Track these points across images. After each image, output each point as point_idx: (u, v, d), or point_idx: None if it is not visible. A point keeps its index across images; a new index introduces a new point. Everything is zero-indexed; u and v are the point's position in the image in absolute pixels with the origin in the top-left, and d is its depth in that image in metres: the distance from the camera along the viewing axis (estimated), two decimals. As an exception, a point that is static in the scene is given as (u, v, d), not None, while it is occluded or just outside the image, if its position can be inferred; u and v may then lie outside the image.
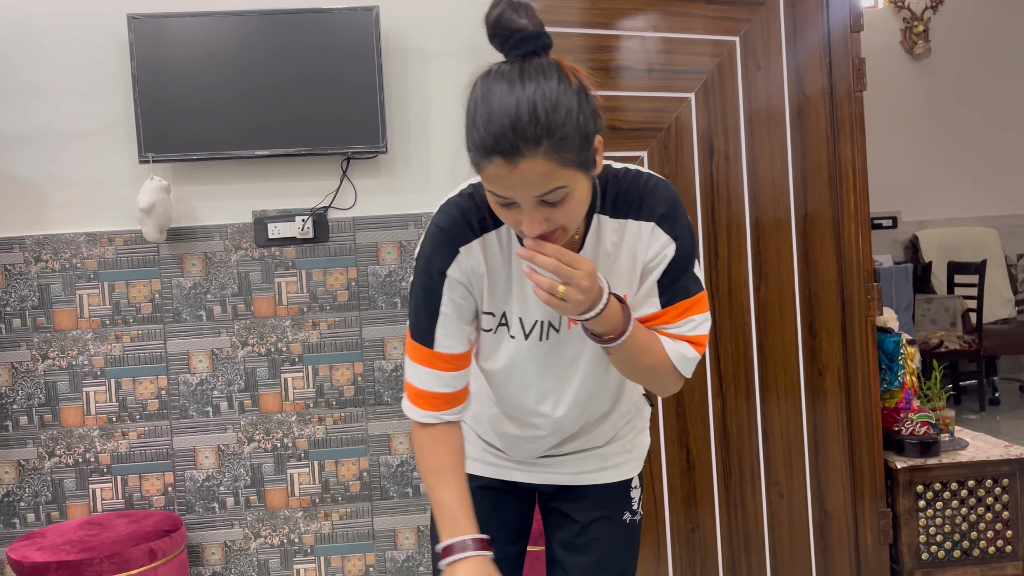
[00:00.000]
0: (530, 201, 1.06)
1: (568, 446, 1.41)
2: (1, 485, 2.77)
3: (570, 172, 1.06)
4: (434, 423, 1.27)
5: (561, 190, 1.06)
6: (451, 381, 1.26)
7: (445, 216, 1.23)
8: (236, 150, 2.71)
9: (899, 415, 2.65)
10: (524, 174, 1.03)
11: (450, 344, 1.24)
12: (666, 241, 1.21)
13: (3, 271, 2.75)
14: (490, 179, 1.06)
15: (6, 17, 2.73)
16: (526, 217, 1.07)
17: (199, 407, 2.82)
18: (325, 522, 2.86)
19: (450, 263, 1.22)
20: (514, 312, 1.26)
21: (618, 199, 1.21)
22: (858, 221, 2.55)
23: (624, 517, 1.45)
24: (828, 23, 2.52)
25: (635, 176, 1.23)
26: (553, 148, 1.03)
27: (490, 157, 1.04)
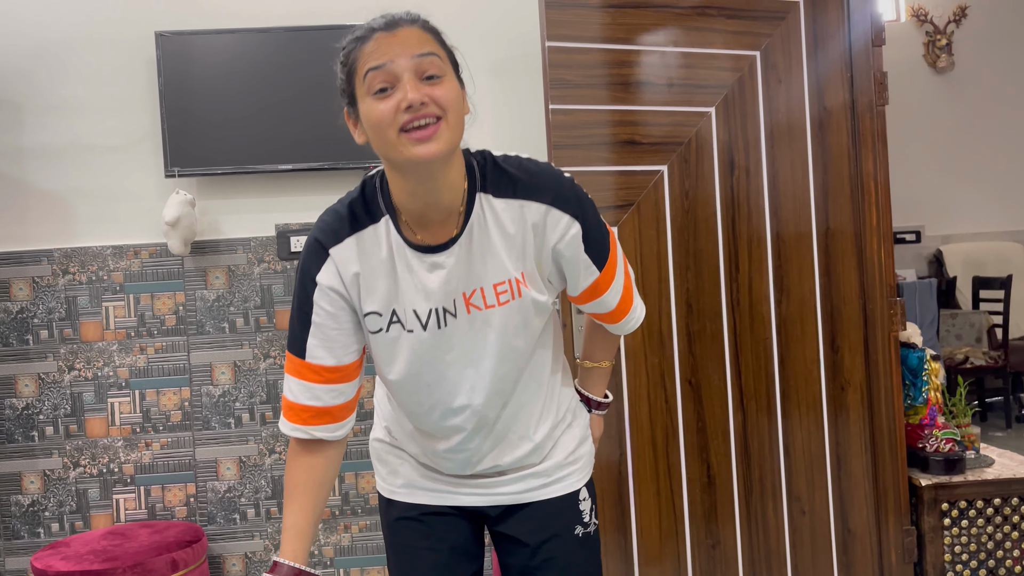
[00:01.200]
0: (409, 67, 1.10)
1: (506, 458, 1.36)
2: (26, 495, 2.81)
3: (444, 54, 1.15)
4: (304, 438, 1.24)
5: (437, 59, 1.12)
6: (321, 394, 1.22)
7: (319, 223, 1.24)
8: (259, 164, 2.74)
9: (923, 431, 2.62)
10: (402, 38, 1.11)
11: (320, 356, 1.22)
12: (567, 221, 1.23)
13: (31, 283, 2.80)
14: (368, 54, 1.11)
15: (37, 36, 2.79)
16: (408, 85, 1.10)
17: (221, 418, 2.84)
18: (345, 534, 2.87)
19: (320, 267, 1.21)
20: (405, 306, 1.23)
21: (501, 179, 1.22)
22: (880, 235, 2.53)
23: (576, 531, 1.40)
24: (849, 37, 2.51)
25: (518, 160, 1.25)
26: (427, 27, 1.15)
27: (370, 35, 1.12)
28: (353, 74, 1.14)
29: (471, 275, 1.22)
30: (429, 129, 1.10)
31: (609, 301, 1.36)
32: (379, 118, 1.11)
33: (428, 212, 1.19)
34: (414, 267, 1.21)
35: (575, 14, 2.36)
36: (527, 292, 1.24)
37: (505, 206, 1.21)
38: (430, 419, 1.32)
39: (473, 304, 1.23)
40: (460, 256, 1.21)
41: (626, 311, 1.42)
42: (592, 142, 2.38)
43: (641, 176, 2.42)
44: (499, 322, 1.25)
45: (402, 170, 1.16)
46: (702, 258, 2.46)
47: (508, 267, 1.22)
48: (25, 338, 2.80)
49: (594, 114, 2.38)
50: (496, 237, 1.21)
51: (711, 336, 2.46)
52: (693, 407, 2.45)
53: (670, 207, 2.44)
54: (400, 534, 1.43)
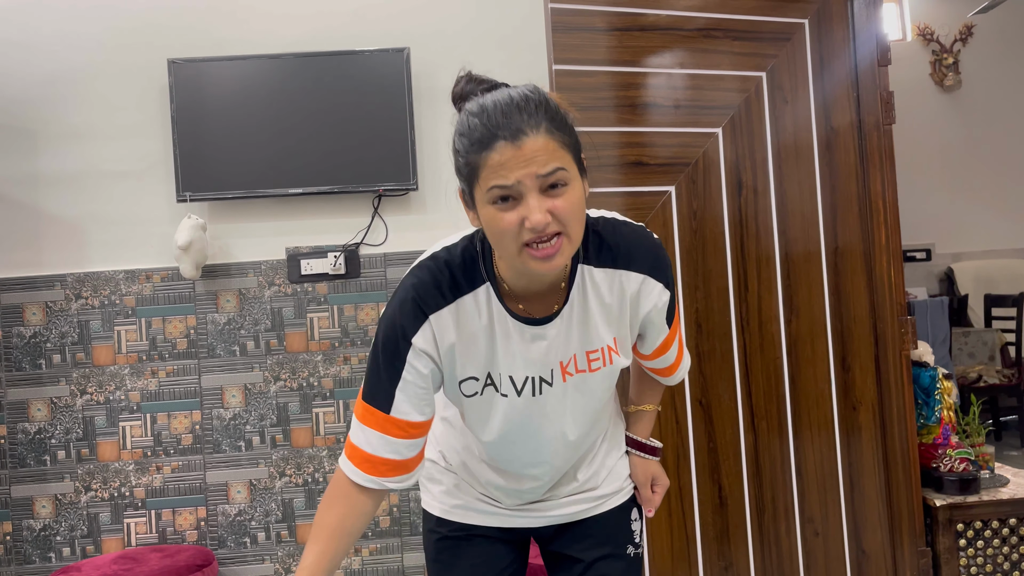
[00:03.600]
0: (534, 186, 1.05)
1: (563, 489, 1.40)
2: (38, 519, 2.81)
3: (569, 158, 1.08)
4: (371, 487, 1.22)
5: (563, 172, 1.06)
6: (402, 449, 1.21)
7: (416, 280, 1.19)
8: (270, 188, 2.77)
9: (937, 451, 2.60)
10: (528, 152, 1.04)
11: (407, 411, 1.20)
12: (660, 290, 1.26)
13: (45, 308, 2.83)
14: (494, 169, 1.05)
15: (51, 64, 2.84)
16: (533, 205, 1.05)
17: (232, 441, 2.85)
18: (355, 558, 2.86)
19: (417, 330, 1.18)
20: (502, 371, 1.23)
21: (602, 249, 1.22)
22: (890, 254, 2.53)
23: (628, 551, 1.43)
24: (855, 57, 2.53)
25: (614, 225, 1.24)
26: (553, 126, 1.06)
27: (492, 144, 1.05)
28: (475, 179, 1.08)
29: (569, 344, 1.23)
30: (551, 247, 1.07)
31: (670, 356, 1.41)
32: (502, 231, 1.08)
33: (532, 286, 1.20)
34: (513, 336, 1.21)
35: (582, 38, 2.38)
36: (617, 359, 1.27)
37: (604, 276, 1.22)
38: (510, 469, 1.36)
39: (568, 372, 1.25)
40: (561, 328, 1.22)
41: (680, 362, 1.46)
42: (600, 164, 2.40)
43: (649, 197, 2.43)
44: (589, 387, 1.27)
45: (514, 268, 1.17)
46: (711, 278, 2.46)
47: (603, 335, 1.24)
48: (38, 362, 2.82)
49: (602, 136, 2.40)
50: (595, 307, 1.23)
51: (721, 356, 2.46)
52: (704, 427, 2.44)
53: (678, 227, 2.45)
54: (446, 553, 1.43)
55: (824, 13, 2.53)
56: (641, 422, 1.50)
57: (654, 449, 1.49)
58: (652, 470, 1.49)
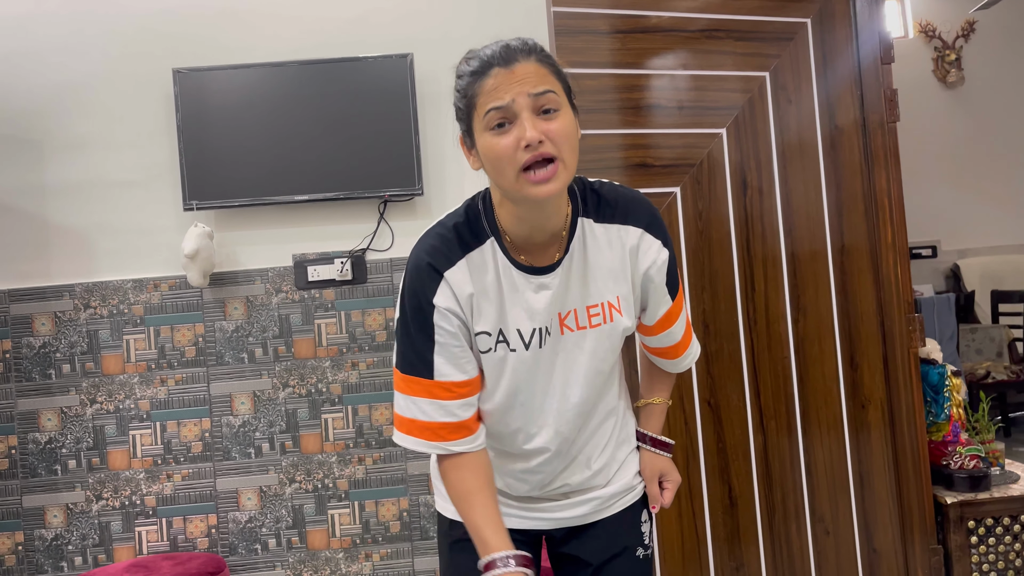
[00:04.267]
0: (527, 105, 1.13)
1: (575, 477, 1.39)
2: (50, 528, 2.82)
3: (559, 86, 1.16)
4: (448, 453, 1.25)
5: (553, 95, 1.14)
6: (455, 410, 1.24)
7: (424, 246, 1.25)
8: (276, 196, 2.78)
9: (947, 448, 2.60)
10: (520, 75, 1.13)
11: (449, 372, 1.24)
12: (659, 247, 1.30)
13: (54, 318, 2.84)
14: (489, 93, 1.14)
15: (57, 76, 2.85)
16: (527, 123, 1.12)
17: (241, 448, 2.86)
18: (366, 563, 2.87)
19: (436, 291, 1.23)
20: (510, 326, 1.26)
21: (601, 204, 1.28)
22: (896, 251, 2.53)
23: (638, 553, 1.44)
24: (858, 55, 2.53)
25: (612, 186, 1.31)
26: (542, 59, 1.16)
27: (487, 71, 1.14)
28: (472, 109, 1.17)
29: (568, 297, 1.27)
30: (548, 171, 1.14)
31: (676, 333, 1.42)
32: (499, 154, 1.15)
33: (534, 235, 1.24)
34: (520, 287, 1.25)
35: (585, 40, 2.39)
36: (618, 318, 1.29)
37: (604, 230, 1.27)
38: (515, 441, 1.35)
39: (567, 325, 1.27)
40: (562, 278, 1.26)
41: (687, 345, 1.47)
42: (605, 166, 2.40)
43: (654, 198, 2.43)
44: (590, 345, 1.29)
45: (515, 201, 1.20)
46: (717, 278, 2.46)
47: (603, 291, 1.27)
48: (48, 372, 2.83)
49: (606, 138, 2.41)
50: (595, 260, 1.27)
51: (729, 356, 2.46)
52: (713, 428, 2.45)
53: (684, 228, 2.45)
54: (460, 555, 1.43)
55: (826, 12, 2.53)
56: (651, 416, 1.51)
57: (664, 444, 1.49)
58: (661, 466, 1.49)
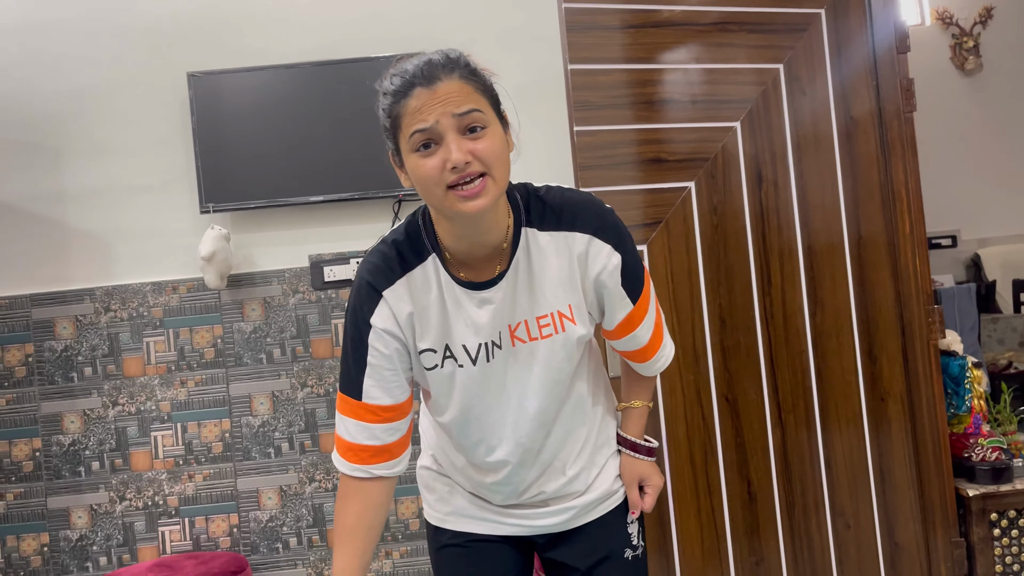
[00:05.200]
0: (452, 126, 1.11)
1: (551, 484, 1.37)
2: (74, 529, 2.86)
3: (485, 103, 1.15)
4: (364, 477, 1.25)
5: (479, 114, 1.13)
6: (379, 434, 1.24)
7: (366, 265, 1.24)
8: (291, 197, 2.79)
9: (968, 441, 2.57)
10: (443, 95, 1.11)
11: (377, 396, 1.23)
12: (609, 251, 1.25)
13: (75, 322, 2.87)
14: (411, 114, 1.12)
15: (74, 82, 2.88)
16: (453, 145, 1.10)
17: (261, 448, 2.88)
18: (386, 561, 2.88)
19: (374, 311, 1.22)
20: (456, 341, 1.25)
21: (545, 212, 1.25)
22: (914, 242, 2.50)
23: (626, 554, 1.41)
24: (873, 45, 2.50)
25: (559, 191, 1.27)
26: (466, 74, 1.14)
27: (409, 91, 1.12)
28: (398, 129, 1.15)
29: (516, 308, 1.24)
30: (476, 186, 1.12)
31: (641, 336, 1.37)
32: (425, 175, 1.13)
33: (474, 250, 1.22)
34: (463, 303, 1.23)
35: (596, 36, 2.38)
36: (571, 327, 1.26)
37: (550, 239, 1.23)
38: (477, 453, 1.34)
39: (518, 337, 1.25)
40: (507, 291, 1.23)
41: (656, 348, 1.41)
42: (618, 162, 2.40)
43: (669, 193, 2.42)
44: (543, 355, 1.26)
45: (449, 218, 1.19)
46: (733, 273, 2.45)
47: (552, 301, 1.24)
48: (70, 375, 2.87)
49: (619, 134, 2.40)
50: (541, 271, 1.23)
51: (746, 351, 2.45)
52: (731, 423, 2.44)
53: (699, 223, 2.44)
54: (447, 561, 1.44)
55: (840, 2, 2.51)
56: (630, 419, 1.48)
57: (646, 448, 1.45)
58: (640, 470, 1.44)
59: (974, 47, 5.52)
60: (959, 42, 5.53)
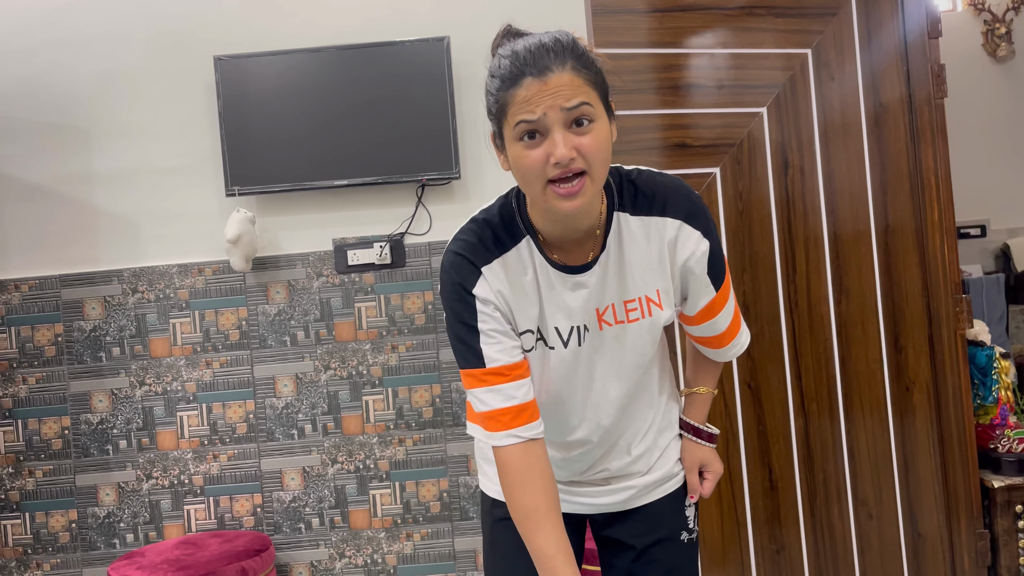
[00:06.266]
0: (559, 120, 1.09)
1: (615, 463, 1.39)
2: (102, 506, 2.91)
3: (595, 95, 1.11)
4: (513, 442, 1.23)
5: (588, 107, 1.09)
6: (512, 392, 1.23)
7: (460, 243, 1.25)
8: (316, 181, 2.81)
9: (994, 432, 2.55)
10: (554, 87, 1.08)
11: (498, 358, 1.23)
12: (698, 238, 1.24)
13: (103, 303, 2.91)
14: (520, 103, 1.09)
15: (102, 65, 2.91)
16: (559, 139, 1.09)
17: (285, 430, 2.91)
18: (407, 543, 2.91)
19: (475, 283, 1.22)
20: (548, 325, 1.26)
21: (637, 196, 1.23)
22: (943, 231, 2.47)
23: (682, 537, 1.43)
24: (904, 30, 2.47)
25: (650, 175, 1.26)
26: (580, 65, 1.10)
27: (519, 81, 1.09)
28: (503, 115, 1.13)
29: (606, 292, 1.25)
30: (575, 186, 1.11)
31: (720, 323, 1.37)
32: (527, 167, 1.12)
33: (568, 234, 1.22)
34: (556, 286, 1.24)
35: (622, 20, 2.37)
36: (658, 312, 1.27)
37: (641, 223, 1.23)
38: (559, 434, 1.36)
39: (605, 320, 1.26)
40: (600, 275, 1.24)
41: (733, 335, 1.42)
42: (643, 147, 2.38)
43: (693, 179, 2.41)
44: (630, 340, 1.28)
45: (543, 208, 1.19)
46: (758, 260, 2.43)
47: (641, 286, 1.25)
48: (98, 355, 2.91)
49: (644, 119, 2.39)
50: (632, 255, 1.24)
51: (769, 339, 2.43)
52: (753, 411, 2.43)
53: (724, 209, 2.43)
54: (502, 534, 1.44)
55: (871, -14, 2.47)
56: (695, 405, 1.48)
57: (708, 435, 1.46)
58: (702, 455, 1.46)
59: (1006, 34, 5.41)
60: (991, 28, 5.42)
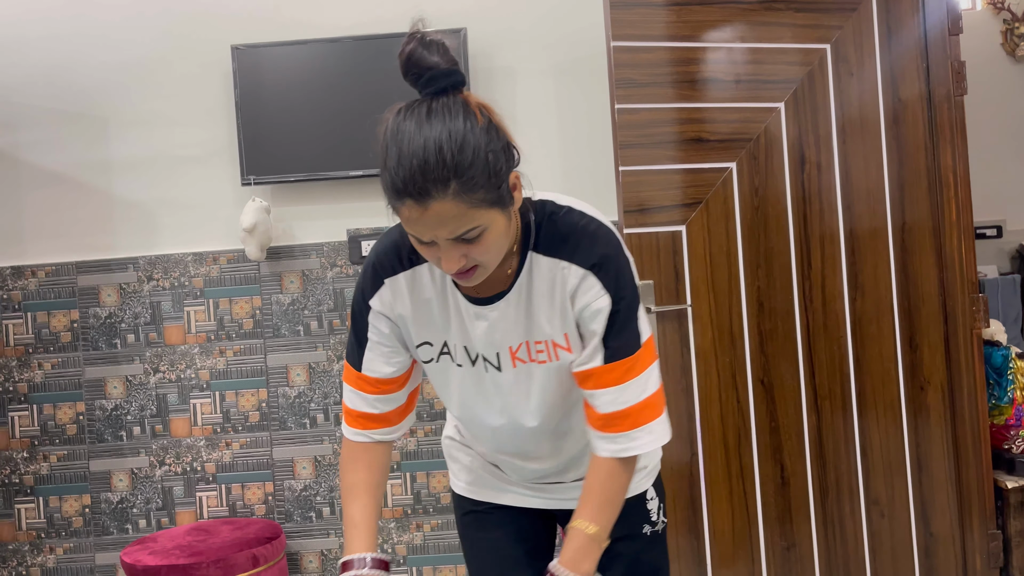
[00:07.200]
0: (445, 240, 1.06)
1: (571, 473, 1.39)
2: (115, 492, 2.93)
3: (482, 211, 1.04)
4: (363, 440, 1.30)
5: (475, 230, 1.05)
6: (375, 403, 1.28)
7: (379, 246, 1.25)
8: (331, 171, 2.82)
9: (1009, 432, 2.53)
10: (436, 216, 1.02)
11: (375, 368, 1.27)
12: (599, 291, 1.16)
13: (119, 290, 2.93)
14: (405, 221, 1.06)
15: (121, 54, 2.92)
16: (443, 255, 1.07)
17: (297, 419, 2.92)
18: (417, 533, 2.92)
19: (374, 294, 1.24)
20: (456, 341, 1.24)
21: (553, 237, 1.17)
22: (960, 230, 2.45)
23: (644, 530, 1.42)
24: (924, 26, 2.45)
25: (573, 216, 1.18)
26: (462, 189, 1.01)
27: (402, 200, 1.03)
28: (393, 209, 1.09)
29: (517, 330, 1.22)
30: (468, 274, 1.10)
31: (600, 401, 1.19)
32: (417, 249, 1.12)
33: None
34: (462, 311, 1.22)
35: (640, 13, 2.36)
36: (565, 356, 1.22)
37: (552, 266, 1.18)
38: (489, 444, 1.38)
39: (518, 358, 1.23)
40: (505, 312, 1.20)
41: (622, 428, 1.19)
42: (659, 140, 2.38)
43: (709, 174, 2.40)
44: (539, 380, 1.25)
45: None
46: (773, 256, 2.42)
47: (547, 328, 1.20)
48: (113, 342, 2.93)
49: (660, 112, 2.38)
50: (539, 297, 1.19)
51: (783, 335, 2.43)
52: (766, 407, 2.42)
53: (739, 204, 2.42)
54: (471, 527, 1.47)
55: (892, -18, 2.45)
56: (569, 544, 1.20)
57: None
58: None
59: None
60: (1010, 27, 5.37)
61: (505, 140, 1.09)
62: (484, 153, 1.03)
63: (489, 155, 1.04)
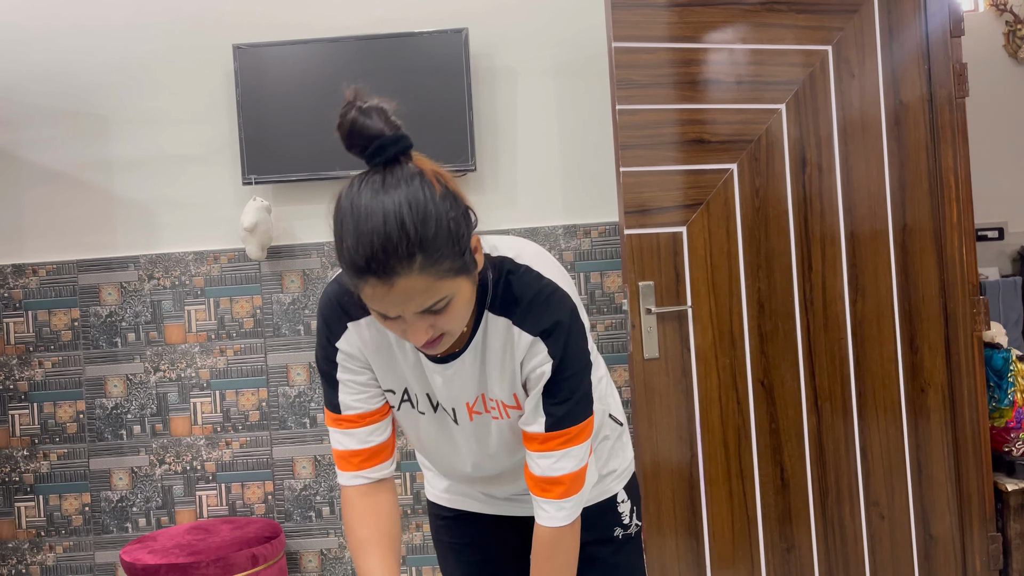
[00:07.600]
0: (412, 314, 1.02)
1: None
2: (115, 491, 2.94)
3: (448, 281, 1.02)
4: (361, 483, 1.25)
5: (442, 301, 1.02)
6: (365, 437, 1.24)
7: (336, 287, 1.20)
8: (332, 171, 2.81)
9: (1009, 435, 2.53)
10: (402, 292, 0.99)
11: (354, 405, 1.23)
12: (544, 358, 1.15)
13: (119, 288, 2.93)
14: (368, 298, 1.02)
15: (123, 53, 2.93)
16: (410, 329, 1.04)
17: (297, 418, 2.92)
18: (416, 533, 2.92)
19: (340, 336, 1.20)
20: (416, 390, 1.23)
21: (508, 298, 1.15)
22: (962, 232, 2.45)
23: (615, 533, 1.41)
24: (926, 28, 2.45)
25: (529, 278, 1.15)
26: (427, 262, 0.98)
27: (365, 278, 0.99)
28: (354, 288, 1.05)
29: (472, 385, 1.21)
30: (435, 343, 1.08)
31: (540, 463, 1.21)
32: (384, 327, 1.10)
33: None
34: (422, 361, 1.21)
35: (641, 14, 2.36)
36: (514, 413, 1.22)
37: (505, 327, 1.16)
38: (458, 477, 1.39)
39: (475, 411, 1.23)
40: (460, 370, 1.19)
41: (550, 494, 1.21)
42: (660, 142, 2.38)
43: (710, 175, 2.40)
44: (495, 431, 1.25)
45: None
46: (774, 257, 2.42)
47: (498, 388, 1.20)
48: (114, 341, 2.93)
49: (661, 113, 2.38)
50: (492, 357, 1.18)
51: (784, 336, 2.42)
52: (766, 408, 2.42)
53: (740, 206, 2.42)
54: (444, 534, 1.48)
55: (893, -17, 2.45)
56: None
57: None
58: None
59: (1029, 34, 5.35)
60: (1012, 29, 5.36)
61: (463, 205, 1.06)
62: (446, 222, 1.00)
63: (451, 223, 1.01)
